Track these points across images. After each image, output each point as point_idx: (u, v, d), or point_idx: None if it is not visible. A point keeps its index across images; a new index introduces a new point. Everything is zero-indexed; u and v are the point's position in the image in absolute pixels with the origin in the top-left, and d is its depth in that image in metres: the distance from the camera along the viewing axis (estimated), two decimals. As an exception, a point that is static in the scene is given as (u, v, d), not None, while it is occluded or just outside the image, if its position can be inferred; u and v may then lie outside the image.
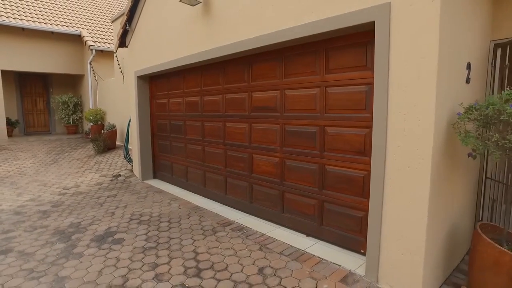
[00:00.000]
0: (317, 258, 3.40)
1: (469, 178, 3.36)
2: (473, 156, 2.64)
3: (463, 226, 3.32)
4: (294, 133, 3.90)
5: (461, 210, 3.22)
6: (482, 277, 2.65)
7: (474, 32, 3.11)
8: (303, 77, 3.72)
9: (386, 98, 2.68)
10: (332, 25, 3.03)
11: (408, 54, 2.54)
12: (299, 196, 3.93)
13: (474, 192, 3.60)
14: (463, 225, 3.30)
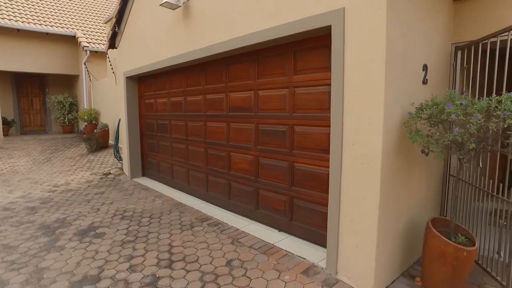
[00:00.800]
0: (285, 251, 3.57)
1: (433, 175, 3.51)
2: (425, 153, 2.79)
3: (426, 221, 3.47)
4: (266, 132, 4.06)
5: (422, 205, 3.37)
6: (431, 267, 2.82)
7: (433, 36, 3.27)
8: (274, 78, 3.89)
9: (341, 99, 2.85)
10: (295, 28, 3.19)
11: (360, 57, 2.70)
12: (271, 192, 4.10)
13: (439, 189, 3.76)
14: (425, 220, 3.45)
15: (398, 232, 3.03)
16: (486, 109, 2.29)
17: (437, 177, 3.69)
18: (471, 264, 2.73)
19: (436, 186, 3.68)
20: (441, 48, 3.50)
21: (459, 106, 2.37)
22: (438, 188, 3.72)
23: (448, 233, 2.83)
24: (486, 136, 2.36)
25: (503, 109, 2.24)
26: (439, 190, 3.75)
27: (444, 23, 3.47)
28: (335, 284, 2.97)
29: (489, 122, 2.25)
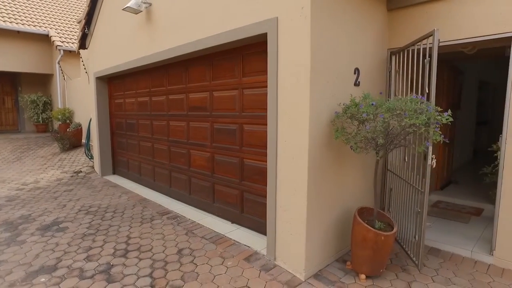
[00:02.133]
0: (233, 241, 3.86)
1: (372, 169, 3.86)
2: (353, 148, 3.11)
3: None
4: (220, 130, 4.34)
5: (360, 197, 3.70)
6: (356, 251, 3.16)
7: (367, 42, 3.61)
8: (226, 80, 4.17)
9: (275, 99, 3.15)
10: (238, 34, 3.48)
11: (290, 61, 3.01)
12: (225, 187, 4.39)
13: (378, 182, 4.12)
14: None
15: (331, 221, 3.36)
16: (393, 108, 2.63)
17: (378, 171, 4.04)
18: (389, 247, 3.08)
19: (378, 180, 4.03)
20: (378, 53, 3.85)
21: (371, 106, 2.70)
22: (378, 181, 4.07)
23: (372, 221, 3.17)
24: (394, 133, 2.70)
25: (404, 109, 2.58)
26: (379, 183, 4.11)
27: (379, 30, 3.83)
28: (272, 269, 3.28)
29: (394, 120, 2.59)
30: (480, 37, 3.34)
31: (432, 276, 3.20)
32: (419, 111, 2.56)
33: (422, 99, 2.73)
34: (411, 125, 2.56)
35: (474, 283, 3.09)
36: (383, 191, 4.16)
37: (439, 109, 2.67)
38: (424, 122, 2.52)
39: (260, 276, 3.16)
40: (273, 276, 3.16)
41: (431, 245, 3.83)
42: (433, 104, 2.83)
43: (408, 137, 2.79)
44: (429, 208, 4.91)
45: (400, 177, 3.65)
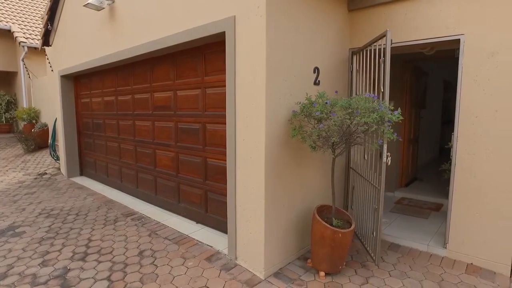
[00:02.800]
0: (196, 241, 3.83)
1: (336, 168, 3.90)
2: (312, 147, 3.14)
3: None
4: (184, 130, 4.29)
5: (322, 195, 3.74)
6: (316, 249, 3.19)
7: (328, 42, 3.65)
8: (189, 79, 4.12)
9: (234, 98, 3.14)
10: (199, 33, 3.44)
11: (247, 60, 3.00)
12: (190, 187, 4.34)
13: (341, 180, 4.19)
14: None
15: (292, 219, 3.38)
16: (346, 107, 2.67)
17: (341, 169, 4.11)
18: (347, 244, 3.14)
19: (340, 178, 4.11)
20: (339, 53, 3.91)
21: (325, 104, 2.73)
22: (341, 179, 4.15)
23: (331, 219, 3.22)
24: (348, 131, 2.74)
25: (357, 108, 2.63)
26: (342, 181, 4.18)
27: (340, 30, 3.88)
28: (233, 268, 3.27)
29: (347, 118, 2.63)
30: (433, 38, 3.45)
31: (390, 271, 3.28)
32: (371, 109, 2.61)
33: (375, 97, 2.78)
34: (364, 123, 2.60)
35: (427, 276, 3.20)
36: (346, 189, 4.23)
37: (392, 107, 2.73)
38: (376, 120, 2.57)
39: (220, 276, 3.15)
40: (233, 275, 3.15)
41: (392, 240, 3.93)
42: (387, 103, 2.90)
43: (363, 135, 2.83)
44: (393, 205, 5.05)
45: (360, 175, 3.73)
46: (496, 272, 3.25)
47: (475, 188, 3.32)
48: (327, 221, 3.16)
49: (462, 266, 3.37)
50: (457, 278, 3.16)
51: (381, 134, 2.81)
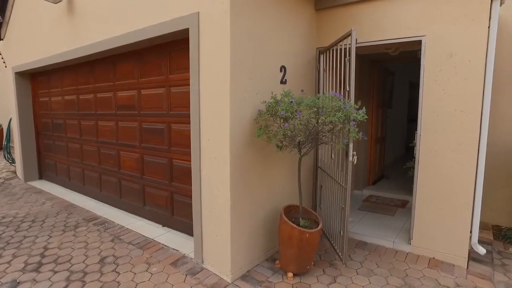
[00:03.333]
0: (161, 245, 3.68)
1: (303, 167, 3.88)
2: (279, 147, 3.09)
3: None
4: (149, 130, 4.13)
5: (288, 195, 3.69)
6: (283, 250, 3.15)
7: (294, 41, 3.62)
8: (154, 78, 3.97)
9: (198, 97, 3.04)
10: (162, 29, 3.30)
11: (211, 58, 2.91)
12: (155, 189, 4.18)
13: (309, 179, 4.19)
14: None
15: (259, 220, 3.32)
16: (312, 106, 2.65)
17: (309, 168, 4.11)
18: (315, 244, 3.12)
19: (308, 177, 4.10)
20: (306, 52, 3.90)
21: (290, 103, 2.69)
22: (310, 179, 4.15)
23: (298, 219, 3.18)
24: (314, 131, 2.72)
25: (321, 107, 2.61)
26: (311, 180, 4.18)
27: (308, 29, 3.87)
28: (199, 272, 3.17)
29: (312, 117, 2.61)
30: (396, 39, 3.51)
31: (357, 269, 3.30)
32: (336, 108, 2.60)
33: (340, 96, 2.78)
34: (330, 122, 2.59)
35: (393, 272, 3.24)
36: (315, 188, 4.23)
37: (357, 106, 2.73)
38: (341, 119, 2.56)
39: (185, 281, 3.04)
40: (199, 280, 3.05)
41: (360, 238, 3.97)
42: (352, 102, 2.91)
43: (328, 134, 2.82)
44: (361, 203, 5.12)
45: (328, 174, 3.73)
46: (455, 264, 3.36)
47: (437, 185, 3.41)
48: (294, 221, 3.13)
49: (425, 261, 3.45)
50: (420, 273, 3.23)
51: (346, 133, 2.81)
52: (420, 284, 3.04)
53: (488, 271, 3.29)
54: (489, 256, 3.59)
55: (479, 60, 3.13)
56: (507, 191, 4.34)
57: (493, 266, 3.40)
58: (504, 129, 4.33)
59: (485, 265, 3.41)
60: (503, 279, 3.16)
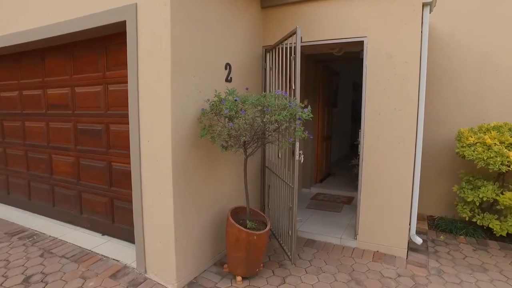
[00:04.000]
0: (100, 256, 3.39)
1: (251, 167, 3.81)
2: (224, 147, 2.97)
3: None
4: (85, 131, 3.79)
5: (236, 197, 3.59)
6: (231, 253, 3.05)
7: (240, 38, 3.54)
8: (89, 74, 3.64)
9: (137, 95, 2.83)
10: (96, 21, 3.03)
11: (150, 53, 2.72)
12: (93, 195, 3.85)
13: (257, 179, 4.13)
14: None
15: (206, 224, 3.19)
16: (257, 104, 2.57)
17: (257, 168, 4.05)
18: (263, 246, 3.06)
19: (256, 177, 4.04)
20: (253, 49, 3.84)
21: (234, 102, 2.60)
22: (257, 179, 4.09)
23: (245, 221, 3.10)
24: (259, 130, 2.65)
25: (267, 105, 2.55)
26: (259, 180, 4.13)
27: (254, 27, 3.81)
28: (142, 283, 2.95)
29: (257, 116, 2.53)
30: (340, 39, 3.59)
31: (306, 268, 3.31)
32: (281, 107, 2.55)
33: (285, 95, 2.74)
34: (275, 121, 2.53)
35: (340, 268, 3.30)
36: (263, 188, 4.19)
37: (302, 105, 2.71)
38: (286, 118, 2.52)
39: (126, 294, 2.81)
40: (141, 292, 2.84)
41: (308, 237, 4.00)
42: (298, 100, 2.89)
43: (274, 133, 2.77)
44: (309, 201, 5.20)
45: (275, 173, 3.70)
46: (397, 256, 3.52)
47: (379, 181, 3.54)
48: (242, 223, 3.05)
49: (370, 254, 3.57)
50: (365, 267, 3.32)
51: (292, 132, 2.78)
52: (365, 277, 3.13)
53: (424, 259, 3.49)
54: (424, 245, 3.81)
55: (414, 62, 3.30)
56: (440, 185, 4.67)
57: (428, 254, 3.62)
58: (437, 128, 4.64)
59: (421, 253, 3.61)
60: (435, 265, 3.37)
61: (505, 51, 4.25)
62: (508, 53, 4.24)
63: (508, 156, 3.44)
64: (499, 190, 3.78)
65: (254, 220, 3.18)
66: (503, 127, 3.85)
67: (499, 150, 3.50)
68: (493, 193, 3.72)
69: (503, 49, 4.26)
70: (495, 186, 3.78)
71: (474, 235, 4.07)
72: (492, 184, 3.83)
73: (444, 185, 4.62)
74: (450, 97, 4.57)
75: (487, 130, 3.91)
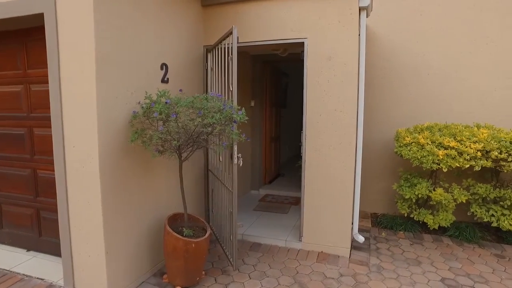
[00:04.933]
0: (20, 276, 3.04)
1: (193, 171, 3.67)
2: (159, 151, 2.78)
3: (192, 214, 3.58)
4: (3, 136, 3.40)
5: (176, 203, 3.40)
6: (170, 263, 2.89)
7: (179, 36, 3.38)
8: (6, 72, 3.27)
9: (59, 97, 2.57)
10: (8, 11, 2.70)
11: (73, 51, 2.48)
12: (16, 207, 3.47)
13: (201, 183, 3.99)
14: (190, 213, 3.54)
15: (142, 233, 2.99)
16: (190, 107, 2.44)
17: (200, 171, 3.91)
18: (203, 253, 2.94)
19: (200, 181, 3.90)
20: (193, 49, 3.70)
21: (165, 104, 2.45)
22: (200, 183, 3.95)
23: (182, 228, 2.95)
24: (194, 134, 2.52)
25: (200, 108, 2.43)
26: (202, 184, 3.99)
27: (194, 26, 3.67)
28: (69, 302, 2.69)
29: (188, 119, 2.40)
30: (281, 40, 3.57)
31: (250, 273, 3.23)
32: (215, 109, 2.45)
33: (220, 96, 2.64)
34: (209, 124, 2.42)
35: (284, 271, 3.27)
36: (207, 192, 4.06)
37: (237, 107, 2.63)
38: (220, 121, 2.42)
39: (49, 316, 2.54)
40: (67, 312, 2.58)
41: (254, 240, 3.94)
42: (235, 102, 2.80)
43: (211, 136, 2.66)
44: (257, 203, 5.15)
45: (217, 177, 3.60)
46: (340, 255, 3.57)
47: (322, 182, 3.58)
48: (180, 231, 2.90)
49: (314, 256, 3.58)
50: (309, 268, 3.32)
51: (227, 135, 2.69)
52: (309, 280, 3.12)
53: (365, 257, 3.58)
54: (367, 242, 3.92)
55: (353, 63, 3.37)
56: (382, 183, 4.85)
57: (369, 251, 3.72)
58: (378, 128, 4.82)
59: (363, 251, 3.70)
60: (376, 262, 3.47)
61: (435, 56, 4.52)
62: (438, 58, 4.51)
63: (438, 154, 3.64)
64: (432, 187, 3.99)
65: (193, 226, 3.04)
66: (434, 128, 4.08)
67: (431, 149, 3.69)
68: (426, 190, 3.92)
69: (434, 53, 4.52)
70: (428, 183, 3.99)
71: (411, 230, 4.26)
72: (426, 181, 4.04)
73: (386, 183, 4.80)
74: (389, 97, 4.76)
75: (421, 130, 4.11)
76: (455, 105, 4.49)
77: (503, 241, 3.98)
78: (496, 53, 4.31)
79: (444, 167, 3.65)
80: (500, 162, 3.62)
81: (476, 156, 3.60)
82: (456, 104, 4.49)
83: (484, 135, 3.67)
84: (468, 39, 4.39)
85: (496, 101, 4.36)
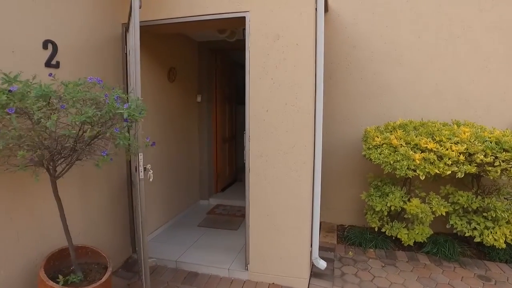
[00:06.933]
0: None
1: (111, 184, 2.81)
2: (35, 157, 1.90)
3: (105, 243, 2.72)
4: None
5: (75, 231, 2.58)
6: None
7: (81, 7, 2.53)
8: None
9: None
10: None
11: None
12: None
13: (124, 197, 3.13)
14: (102, 242, 2.69)
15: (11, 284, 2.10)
16: (45, 98, 1.58)
17: (122, 183, 3.06)
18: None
19: (123, 195, 3.05)
20: (106, 26, 2.85)
21: (7, 93, 1.57)
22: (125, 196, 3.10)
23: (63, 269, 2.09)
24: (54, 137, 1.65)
25: (67, 100, 1.57)
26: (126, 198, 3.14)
27: None
28: None
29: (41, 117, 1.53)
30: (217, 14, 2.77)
31: (174, 321, 2.41)
32: (90, 102, 1.60)
33: (99, 82, 1.77)
34: (80, 123, 1.56)
35: (221, 317, 2.47)
36: (131, 208, 3.20)
37: (126, 97, 1.79)
38: (96, 118, 1.57)
39: None
40: None
41: (190, 269, 3.12)
42: (135, 96, 1.96)
43: (99, 141, 1.80)
44: (204, 216, 4.33)
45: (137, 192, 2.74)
46: (296, 288, 2.82)
47: (271, 197, 2.81)
48: (67, 274, 2.03)
49: (263, 288, 2.82)
50: (255, 309, 2.55)
51: (112, 139, 1.81)
52: (251, 326, 2.34)
53: (328, 286, 2.86)
54: (330, 266, 3.21)
55: (307, 44, 2.61)
56: (349, 190, 4.15)
57: (333, 279, 3.01)
58: (343, 126, 4.11)
59: (325, 279, 2.99)
60: (340, 294, 2.75)
61: (408, 44, 3.85)
62: (411, 47, 3.85)
63: (414, 159, 2.96)
64: (406, 197, 3.33)
65: (90, 264, 2.18)
66: (409, 126, 3.41)
67: (405, 152, 3.01)
68: (400, 201, 3.25)
69: (406, 41, 3.86)
70: (402, 192, 3.32)
71: (383, 247, 3.60)
72: (399, 190, 3.37)
73: (354, 191, 4.10)
74: (356, 90, 4.05)
75: (393, 128, 3.44)
76: (432, 99, 3.85)
77: (485, 257, 3.39)
78: (473, 40, 3.71)
79: (422, 174, 2.97)
80: (485, 167, 2.99)
81: (458, 161, 2.94)
82: (433, 98, 3.85)
83: (466, 134, 3.03)
84: (444, 25, 3.76)
85: (474, 95, 3.76)
